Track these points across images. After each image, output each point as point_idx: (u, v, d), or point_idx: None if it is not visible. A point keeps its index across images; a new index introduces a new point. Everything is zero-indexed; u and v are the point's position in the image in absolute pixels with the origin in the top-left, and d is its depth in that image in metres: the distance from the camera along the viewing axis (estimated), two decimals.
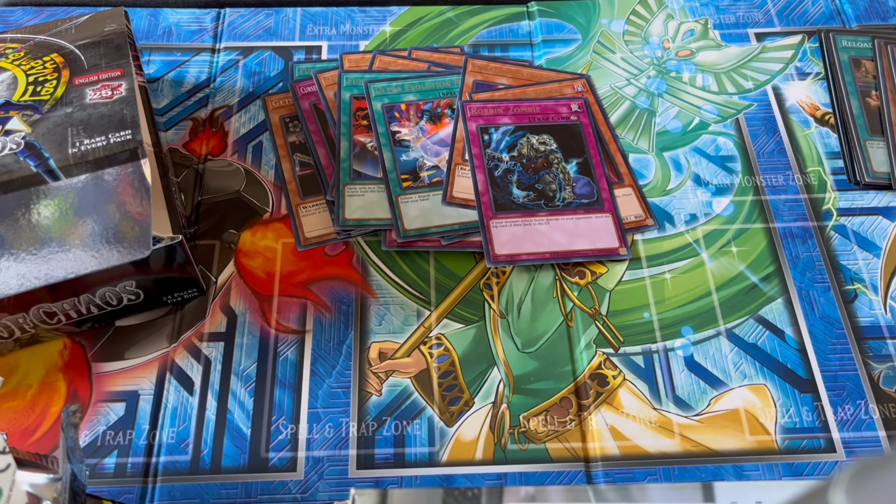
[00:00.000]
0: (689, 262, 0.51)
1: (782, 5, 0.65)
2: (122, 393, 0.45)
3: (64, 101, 0.44)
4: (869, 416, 0.45)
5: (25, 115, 0.43)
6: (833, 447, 0.44)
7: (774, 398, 0.45)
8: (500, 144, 0.54)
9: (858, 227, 0.52)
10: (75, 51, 0.47)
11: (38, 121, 0.43)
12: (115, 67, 0.46)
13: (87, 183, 0.40)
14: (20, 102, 0.44)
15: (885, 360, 0.47)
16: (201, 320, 0.48)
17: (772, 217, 0.52)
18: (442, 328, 0.48)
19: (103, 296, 0.43)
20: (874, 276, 0.50)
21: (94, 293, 0.43)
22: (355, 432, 0.44)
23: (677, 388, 0.46)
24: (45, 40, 0.48)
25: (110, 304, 0.44)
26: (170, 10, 0.63)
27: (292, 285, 0.49)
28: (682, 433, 0.44)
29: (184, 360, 0.46)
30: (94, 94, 0.44)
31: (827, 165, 0.55)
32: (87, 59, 0.47)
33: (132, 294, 0.44)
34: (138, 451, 0.43)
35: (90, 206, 0.40)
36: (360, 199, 0.51)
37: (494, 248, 0.49)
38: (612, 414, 0.45)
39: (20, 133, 0.42)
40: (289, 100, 0.57)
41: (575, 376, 0.46)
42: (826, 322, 0.48)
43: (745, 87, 0.59)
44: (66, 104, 0.44)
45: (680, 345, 0.47)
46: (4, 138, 0.42)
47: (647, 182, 0.54)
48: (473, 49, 0.61)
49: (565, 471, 0.43)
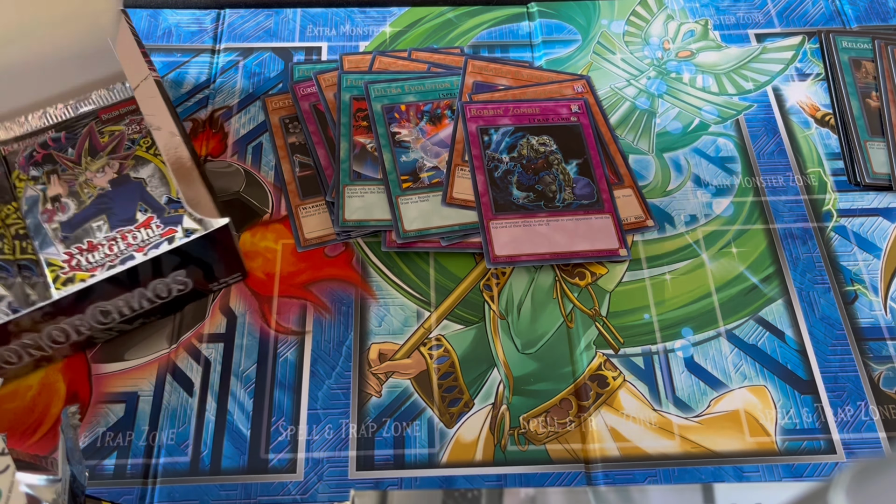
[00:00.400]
0: (689, 263, 0.51)
1: (782, 6, 0.65)
2: (122, 394, 0.45)
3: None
4: (869, 417, 0.45)
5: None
6: (833, 448, 0.44)
7: (774, 399, 0.45)
8: (500, 145, 0.54)
9: (859, 228, 0.52)
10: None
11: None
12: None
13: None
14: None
15: (885, 361, 0.47)
16: (201, 321, 0.48)
17: (772, 218, 0.52)
18: (442, 329, 0.48)
19: (155, 289, 0.43)
20: (874, 277, 0.50)
21: (148, 286, 0.43)
22: (355, 433, 0.44)
23: (677, 390, 0.46)
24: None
25: (161, 296, 0.44)
26: (170, 10, 0.63)
27: (292, 286, 0.49)
28: (682, 434, 0.44)
29: (183, 361, 0.46)
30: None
31: (827, 166, 0.55)
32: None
33: (181, 284, 0.44)
34: (138, 453, 0.43)
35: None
36: (359, 200, 0.51)
37: (494, 248, 0.49)
38: (612, 415, 0.45)
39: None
40: (289, 101, 0.57)
41: (575, 377, 0.46)
42: (826, 323, 0.48)
43: (745, 88, 0.59)
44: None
45: (680, 346, 0.47)
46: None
47: (647, 183, 0.54)
48: (473, 50, 0.61)
49: (565, 472, 0.43)
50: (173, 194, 0.47)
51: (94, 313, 0.42)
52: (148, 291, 0.43)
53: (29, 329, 0.40)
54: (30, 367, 0.44)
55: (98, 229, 0.46)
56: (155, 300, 0.44)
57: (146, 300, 0.44)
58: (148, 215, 0.47)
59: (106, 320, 0.43)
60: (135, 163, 0.49)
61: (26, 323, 0.40)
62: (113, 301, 0.42)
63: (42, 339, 0.42)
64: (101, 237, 0.46)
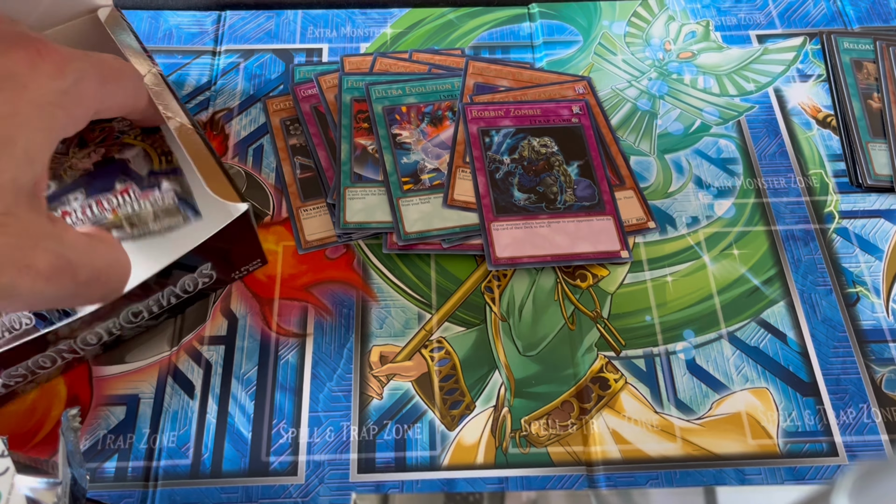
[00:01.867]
0: (691, 265, 0.51)
1: (784, 7, 0.65)
2: (123, 397, 0.45)
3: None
4: (871, 419, 0.45)
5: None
6: (835, 451, 0.44)
7: (776, 402, 0.45)
8: (501, 147, 0.54)
9: (860, 230, 0.52)
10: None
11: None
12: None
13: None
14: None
15: (887, 363, 0.47)
16: (202, 324, 0.48)
17: (773, 220, 0.52)
18: (443, 331, 0.48)
19: (183, 284, 0.43)
20: (876, 279, 0.50)
21: (176, 283, 0.43)
22: (356, 436, 0.44)
23: (679, 392, 0.46)
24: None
25: (187, 291, 0.44)
26: (170, 12, 0.63)
27: (293, 288, 0.49)
28: (683, 437, 0.44)
29: (184, 363, 0.46)
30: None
31: (829, 168, 0.55)
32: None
33: (206, 277, 0.44)
34: (139, 455, 0.43)
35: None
36: (360, 202, 0.51)
37: (495, 250, 0.49)
38: (613, 417, 0.45)
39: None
40: (289, 102, 0.57)
41: (576, 380, 0.46)
42: (828, 325, 0.48)
43: (746, 90, 0.59)
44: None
45: (681, 348, 0.47)
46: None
47: (648, 184, 0.54)
48: (474, 51, 0.61)
49: (567, 475, 0.43)
50: (155, 166, 0.48)
51: (126, 315, 0.42)
52: (177, 288, 0.43)
53: (67, 336, 0.40)
54: (61, 369, 0.44)
55: (74, 199, 0.46)
56: (182, 295, 0.44)
57: (173, 296, 0.44)
58: (126, 184, 0.47)
59: (136, 320, 0.43)
60: (120, 147, 0.49)
61: (64, 331, 0.40)
62: (144, 301, 0.42)
63: (77, 343, 0.42)
64: (76, 206, 0.46)
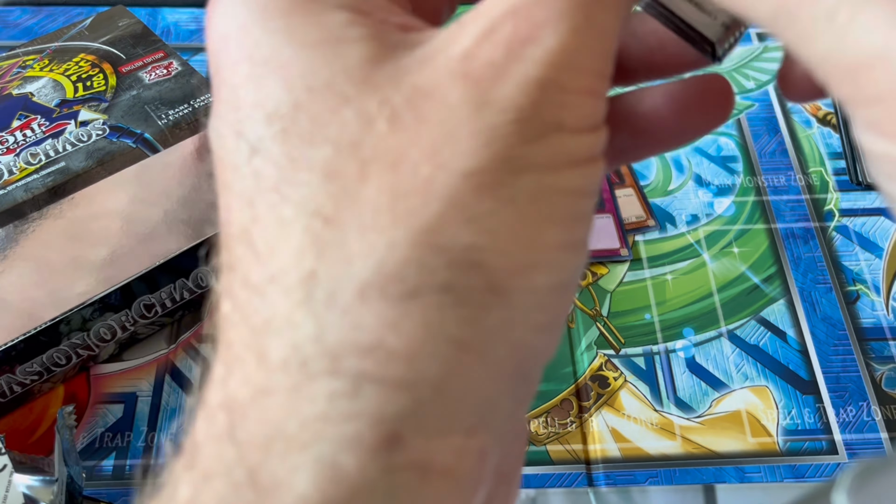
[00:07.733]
0: (691, 263, 0.50)
1: None
2: (121, 394, 0.45)
3: (122, 87, 0.42)
4: (871, 417, 0.45)
5: (91, 105, 0.41)
6: (835, 449, 0.44)
7: (776, 400, 0.45)
8: None
9: (860, 228, 0.52)
10: (102, 47, 0.45)
11: (108, 108, 0.41)
12: (155, 51, 0.44)
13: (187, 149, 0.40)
14: (78, 98, 0.41)
15: (887, 361, 0.47)
16: (200, 322, 0.47)
17: (773, 218, 0.52)
18: None
19: (196, 278, 0.42)
20: (876, 277, 0.50)
21: (189, 276, 0.42)
22: None
23: (678, 390, 0.46)
24: (62, 46, 0.46)
25: (201, 286, 0.43)
26: (169, 9, 0.63)
27: None
28: (683, 435, 0.44)
29: (182, 361, 0.46)
30: (150, 76, 0.43)
31: (829, 166, 0.55)
32: (121, 51, 0.44)
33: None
34: (137, 454, 0.43)
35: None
36: None
37: None
38: (613, 416, 0.45)
39: (98, 120, 0.40)
40: None
41: (576, 378, 0.46)
42: (828, 323, 0.48)
43: (746, 87, 0.59)
44: (126, 89, 0.42)
45: (681, 346, 0.47)
46: (84, 128, 0.40)
47: (648, 182, 0.54)
48: None
49: (566, 473, 0.43)
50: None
51: (137, 307, 0.42)
52: (189, 282, 0.42)
53: (79, 328, 0.40)
54: (77, 367, 0.43)
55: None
56: (195, 290, 0.43)
57: (187, 291, 0.43)
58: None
59: (149, 315, 0.42)
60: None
61: (77, 322, 0.39)
62: (157, 294, 0.41)
63: (90, 338, 0.41)
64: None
